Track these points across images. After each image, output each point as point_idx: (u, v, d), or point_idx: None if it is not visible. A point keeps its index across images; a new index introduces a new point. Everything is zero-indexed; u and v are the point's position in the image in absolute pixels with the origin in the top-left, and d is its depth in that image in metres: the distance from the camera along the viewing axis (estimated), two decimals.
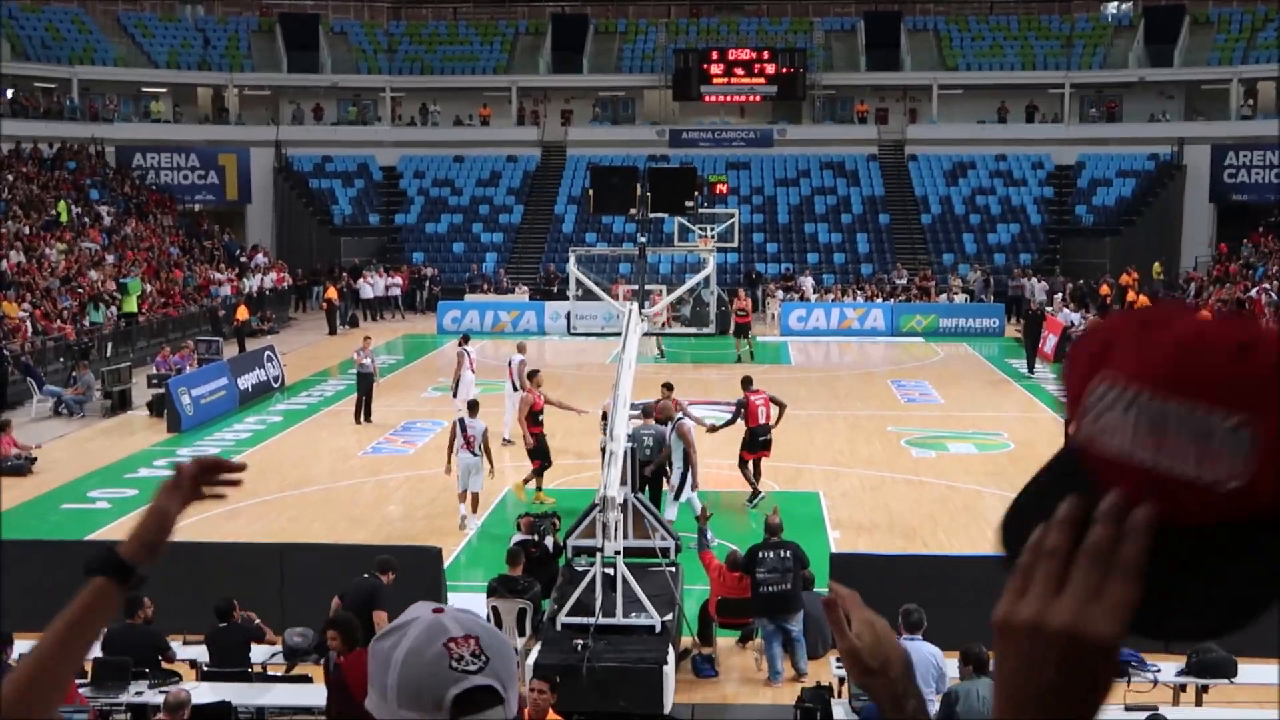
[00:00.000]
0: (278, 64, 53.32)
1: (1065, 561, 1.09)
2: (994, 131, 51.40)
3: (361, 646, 9.79)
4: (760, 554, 12.65)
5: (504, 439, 22.09)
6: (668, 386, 18.56)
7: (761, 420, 18.71)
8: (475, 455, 17.63)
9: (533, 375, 20.07)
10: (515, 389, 22.28)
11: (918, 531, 17.43)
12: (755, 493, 18.79)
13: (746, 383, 19.48)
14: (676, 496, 17.15)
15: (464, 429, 17.71)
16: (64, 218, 40.12)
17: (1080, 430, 1.12)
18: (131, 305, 34.03)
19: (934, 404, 27.56)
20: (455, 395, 24.08)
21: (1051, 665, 1.08)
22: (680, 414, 17.74)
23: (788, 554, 12.57)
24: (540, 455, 18.99)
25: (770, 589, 12.46)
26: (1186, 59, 50.63)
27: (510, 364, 23.04)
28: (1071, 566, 1.09)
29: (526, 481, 19.16)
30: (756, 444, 18.72)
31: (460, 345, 24.90)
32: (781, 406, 19.07)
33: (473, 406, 18.29)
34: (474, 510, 17.89)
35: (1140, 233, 45.96)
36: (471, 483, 17.72)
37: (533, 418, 19.01)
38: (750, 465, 18.86)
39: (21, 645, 10.49)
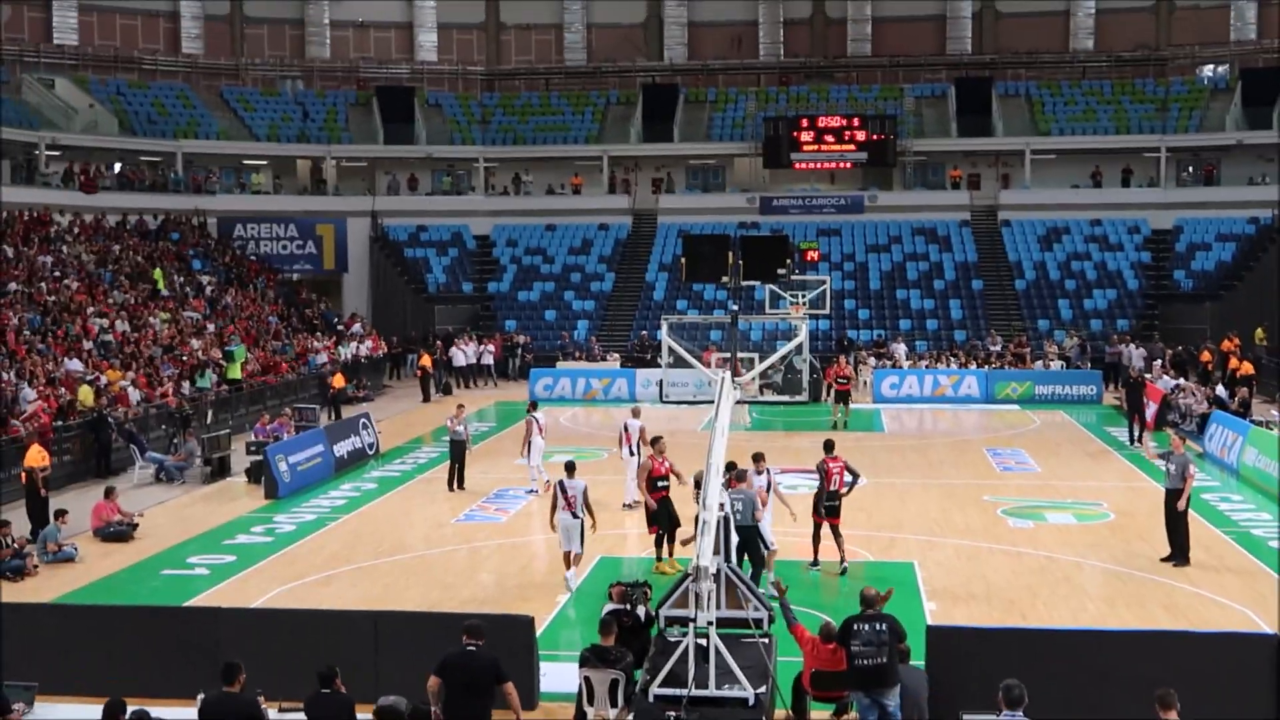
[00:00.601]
0: (374, 136, 54.49)
1: None
2: (1088, 196, 50.92)
3: None
4: (855, 626, 12.44)
5: (625, 504, 22.42)
6: (757, 457, 18.48)
7: (834, 486, 18.66)
8: (576, 517, 17.78)
9: (655, 441, 20.07)
10: (632, 454, 22.53)
11: (1016, 603, 17.08)
12: (814, 562, 18.84)
13: (828, 447, 19.42)
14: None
15: (564, 490, 17.84)
16: (160, 285, 41.12)
17: None
18: (236, 372, 34.80)
19: (1031, 473, 27.10)
20: (529, 461, 24.45)
21: None
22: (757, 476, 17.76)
23: (883, 626, 12.35)
24: (660, 521, 18.94)
25: (865, 662, 12.23)
26: None
27: (626, 428, 23.27)
28: None
29: (661, 549, 19.06)
30: (822, 508, 18.65)
31: (529, 412, 25.27)
32: (855, 476, 19.00)
33: (570, 467, 18.41)
34: (572, 569, 18.01)
35: (1241, 297, 45.07)
36: (573, 544, 17.87)
37: (653, 484, 19.02)
38: (823, 530, 18.80)
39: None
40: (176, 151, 50.99)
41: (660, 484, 18.96)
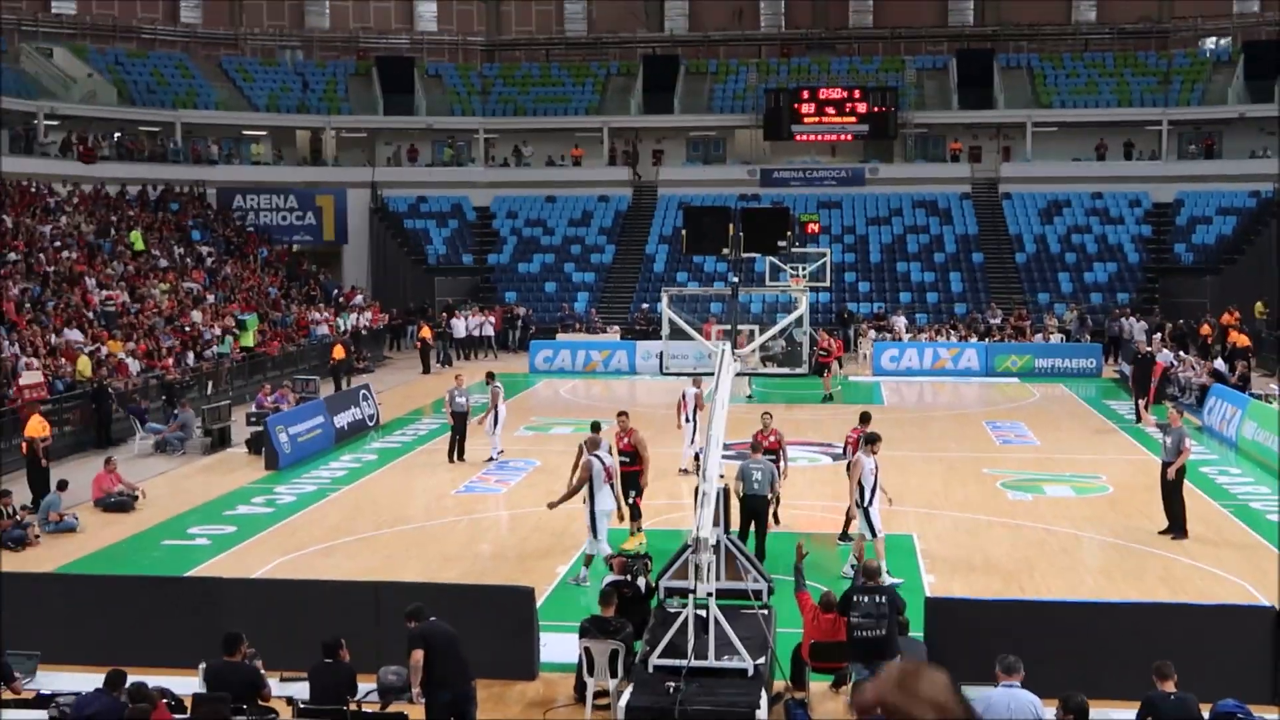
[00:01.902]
0: (374, 107, 54.28)
1: None
2: (1090, 169, 50.81)
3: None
4: (855, 598, 12.50)
5: (681, 469, 22.97)
6: (872, 439, 17.93)
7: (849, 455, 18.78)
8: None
9: (620, 416, 19.89)
10: (688, 420, 23.20)
11: (1014, 575, 17.13)
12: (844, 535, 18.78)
13: (863, 419, 19.56)
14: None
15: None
16: (138, 245, 40.96)
17: None
18: (248, 339, 35.11)
19: (1030, 446, 27.14)
20: (493, 431, 24.96)
21: None
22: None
23: (883, 599, 12.41)
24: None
25: (865, 634, 12.30)
26: None
27: (684, 396, 23.62)
28: None
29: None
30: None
31: (488, 382, 25.73)
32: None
33: (594, 427, 18.46)
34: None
35: (1242, 271, 45.05)
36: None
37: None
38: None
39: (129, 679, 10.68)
40: (175, 121, 50.82)
41: (623, 459, 18.71)
